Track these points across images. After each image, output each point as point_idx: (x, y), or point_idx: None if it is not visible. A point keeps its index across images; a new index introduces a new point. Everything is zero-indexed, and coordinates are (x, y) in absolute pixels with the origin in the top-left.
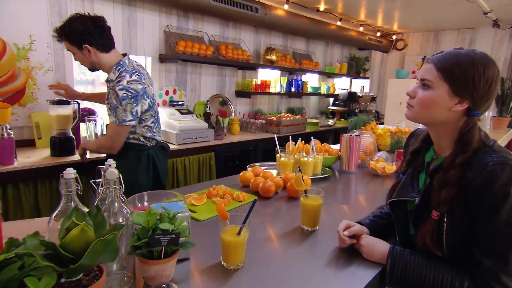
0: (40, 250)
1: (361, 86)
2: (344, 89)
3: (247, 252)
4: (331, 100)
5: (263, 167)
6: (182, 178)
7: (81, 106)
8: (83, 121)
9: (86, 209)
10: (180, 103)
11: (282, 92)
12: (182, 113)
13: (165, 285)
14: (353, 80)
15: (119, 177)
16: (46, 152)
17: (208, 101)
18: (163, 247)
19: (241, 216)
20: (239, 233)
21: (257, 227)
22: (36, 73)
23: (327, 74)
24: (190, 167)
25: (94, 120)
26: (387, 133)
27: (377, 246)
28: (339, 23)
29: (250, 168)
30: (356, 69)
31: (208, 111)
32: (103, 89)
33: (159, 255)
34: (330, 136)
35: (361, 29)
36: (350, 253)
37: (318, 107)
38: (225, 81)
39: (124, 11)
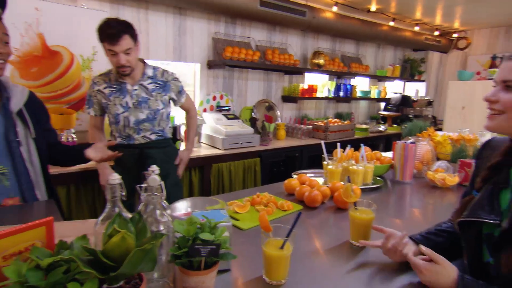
0: (85, 254)
1: (415, 89)
2: (397, 93)
3: (290, 266)
4: (382, 104)
5: (309, 175)
6: (227, 183)
7: None
8: None
9: (129, 215)
10: (226, 108)
11: (330, 96)
12: (228, 118)
13: None
14: (407, 84)
15: (161, 184)
16: None
17: (254, 106)
18: (203, 258)
19: (285, 229)
20: (282, 247)
21: (302, 239)
22: None
23: (378, 78)
24: (235, 173)
25: None
26: (448, 141)
27: (442, 277)
28: (392, 23)
29: (295, 176)
30: (410, 72)
31: (254, 116)
32: None
33: (199, 266)
34: (380, 143)
35: (416, 28)
36: (405, 271)
37: (367, 112)
38: (271, 86)
39: (176, 20)
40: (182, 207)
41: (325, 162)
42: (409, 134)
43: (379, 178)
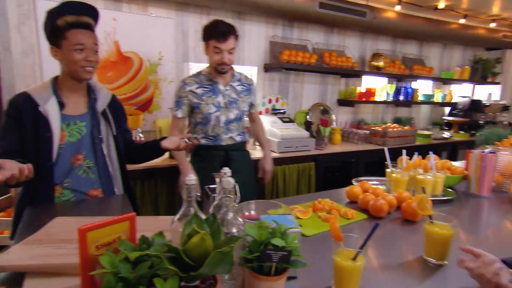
0: (164, 250)
1: (488, 93)
2: (465, 97)
3: (365, 280)
4: (447, 109)
5: (371, 182)
6: (281, 187)
7: None
8: None
9: (203, 215)
10: (282, 111)
11: (389, 100)
12: (283, 121)
13: None
14: (477, 87)
15: (235, 186)
16: (166, 153)
17: (309, 109)
18: (274, 264)
19: (357, 239)
20: (354, 258)
21: (369, 252)
22: (162, 85)
23: (443, 80)
24: (290, 176)
25: None
26: None
27: None
28: (462, 21)
29: (357, 183)
30: (482, 73)
31: (309, 119)
32: None
33: (269, 271)
34: (444, 150)
35: (492, 25)
36: None
37: (430, 117)
38: (327, 89)
39: (235, 24)
40: (246, 209)
41: (388, 170)
42: (485, 142)
43: (450, 190)
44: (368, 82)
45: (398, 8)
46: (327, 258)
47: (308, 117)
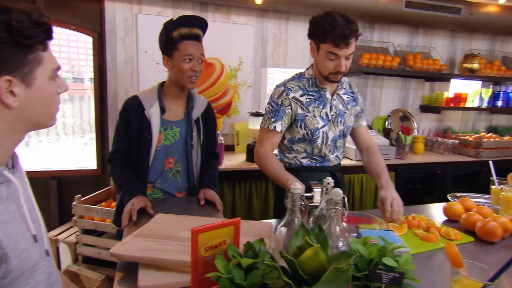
0: (267, 257)
1: None
2: None
3: None
4: None
5: (473, 199)
6: (357, 196)
7: None
8: None
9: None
10: None
11: (483, 106)
12: None
13: None
14: None
15: (344, 198)
16: (243, 157)
17: (388, 115)
18: (383, 285)
19: (481, 268)
20: None
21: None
22: (240, 89)
23: None
24: (367, 186)
25: None
26: None
27: None
28: None
29: (455, 199)
30: None
31: (388, 126)
32: None
33: None
34: None
35: None
36: None
37: None
38: (408, 94)
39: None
40: None
41: (494, 187)
42: None
43: None
44: (457, 86)
45: (502, 0)
46: (437, 284)
47: (387, 123)
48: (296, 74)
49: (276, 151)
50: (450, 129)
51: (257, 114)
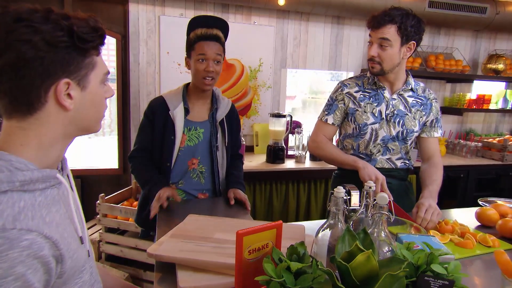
0: (314, 261)
1: None
2: None
3: None
4: None
5: (508, 205)
6: None
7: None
8: (292, 132)
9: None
10: None
11: (507, 108)
12: None
13: None
14: None
15: (390, 202)
16: (262, 158)
17: None
18: None
19: None
20: None
21: None
22: (260, 90)
23: None
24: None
25: (301, 132)
26: None
27: None
28: None
29: (487, 204)
30: None
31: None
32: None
33: None
34: None
35: None
36: None
37: None
38: None
39: (333, 29)
40: None
41: None
42: None
43: None
44: (480, 87)
45: None
46: None
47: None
48: (359, 74)
49: None
50: (473, 132)
51: (277, 115)
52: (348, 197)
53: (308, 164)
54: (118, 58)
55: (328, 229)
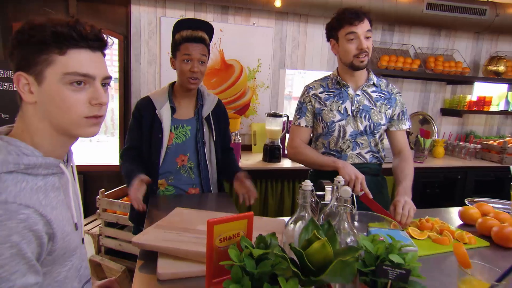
0: (278, 250)
1: None
2: None
3: None
4: None
5: (491, 205)
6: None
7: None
8: (289, 132)
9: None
10: None
11: (508, 110)
12: None
13: None
14: None
15: (352, 196)
16: (259, 156)
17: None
18: (390, 281)
19: (489, 269)
20: None
21: None
22: (259, 90)
23: None
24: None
25: None
26: None
27: None
28: None
29: (472, 204)
30: None
31: (408, 129)
32: None
33: None
34: None
35: None
36: None
37: None
38: (429, 97)
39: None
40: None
41: None
42: None
43: None
44: (481, 89)
45: None
46: (446, 284)
47: (409, 127)
48: (323, 76)
49: None
50: (473, 133)
51: (274, 115)
52: (323, 192)
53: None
54: (120, 58)
55: (296, 220)
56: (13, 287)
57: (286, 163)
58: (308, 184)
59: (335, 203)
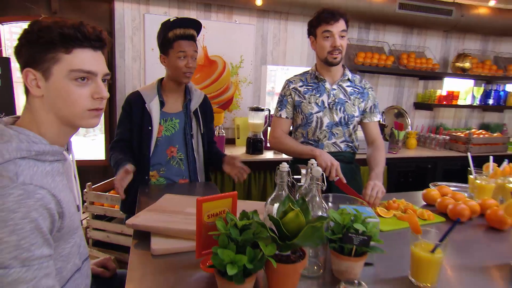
0: (259, 220)
1: None
2: None
3: (442, 275)
4: None
5: (451, 187)
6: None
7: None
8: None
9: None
10: None
11: (475, 104)
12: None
13: (356, 282)
14: None
15: (323, 174)
16: (242, 149)
17: (383, 112)
18: (354, 246)
19: (436, 234)
20: (433, 251)
21: (451, 253)
22: (241, 85)
23: None
24: (363, 178)
25: None
26: None
27: None
28: None
29: (435, 187)
30: None
31: (383, 122)
32: None
33: (349, 253)
34: None
35: None
36: None
37: None
38: (403, 92)
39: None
40: (325, 201)
41: (471, 176)
42: None
43: None
44: (450, 84)
45: (492, 3)
46: (404, 252)
47: (381, 120)
48: (303, 72)
49: None
50: (443, 126)
51: (257, 109)
52: (300, 176)
53: (285, 155)
54: (105, 54)
55: (275, 198)
56: (32, 257)
57: (268, 155)
58: (285, 166)
59: (309, 181)
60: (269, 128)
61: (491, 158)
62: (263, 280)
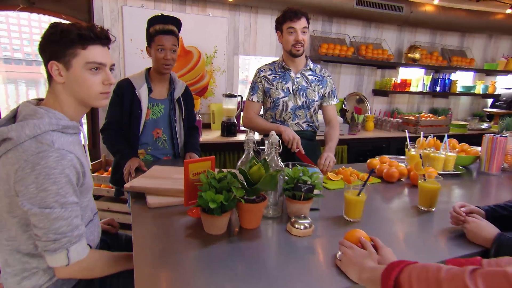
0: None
1: None
2: (510, 88)
3: (366, 214)
4: (489, 101)
5: (391, 159)
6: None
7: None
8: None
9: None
10: None
11: (425, 91)
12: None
13: (302, 216)
14: None
15: (279, 141)
16: (218, 132)
17: (345, 98)
18: (303, 193)
19: (361, 184)
20: (358, 194)
21: (378, 202)
22: (215, 74)
23: (486, 72)
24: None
25: None
26: None
27: (484, 229)
28: (509, 11)
29: (378, 158)
30: None
31: (345, 107)
32: None
33: (300, 198)
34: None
35: None
36: (458, 234)
37: (470, 109)
38: (363, 80)
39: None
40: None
41: (407, 149)
42: (506, 129)
43: (461, 167)
44: (405, 73)
45: (436, 1)
46: (341, 201)
47: (343, 105)
48: (272, 61)
49: None
50: (397, 110)
51: (230, 96)
52: (264, 147)
53: (256, 136)
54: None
55: (244, 160)
56: (67, 202)
57: (241, 137)
58: (251, 135)
59: (270, 146)
60: (241, 113)
61: (421, 133)
62: (235, 216)
